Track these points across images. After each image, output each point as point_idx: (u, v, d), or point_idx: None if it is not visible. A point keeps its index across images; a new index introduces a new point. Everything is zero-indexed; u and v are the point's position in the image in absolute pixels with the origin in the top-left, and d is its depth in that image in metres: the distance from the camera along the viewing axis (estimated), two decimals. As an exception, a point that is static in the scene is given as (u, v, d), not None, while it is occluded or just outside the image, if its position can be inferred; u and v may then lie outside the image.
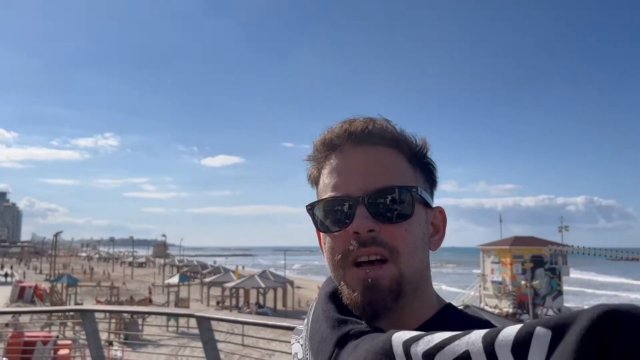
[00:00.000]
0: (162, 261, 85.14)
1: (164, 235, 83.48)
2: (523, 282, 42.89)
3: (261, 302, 41.93)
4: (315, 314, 0.95)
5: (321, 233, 0.94)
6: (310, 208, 0.92)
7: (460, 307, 1.00)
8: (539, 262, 45.36)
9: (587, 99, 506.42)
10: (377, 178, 0.87)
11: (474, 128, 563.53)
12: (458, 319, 0.92)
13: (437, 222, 0.99)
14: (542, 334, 0.54)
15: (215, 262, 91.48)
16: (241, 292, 43.76)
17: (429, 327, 0.80)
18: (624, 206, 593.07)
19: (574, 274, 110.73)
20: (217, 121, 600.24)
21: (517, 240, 46.83)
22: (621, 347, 0.47)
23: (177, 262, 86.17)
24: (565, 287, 54.44)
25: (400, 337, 0.68)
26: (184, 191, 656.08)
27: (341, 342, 0.82)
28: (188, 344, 21.29)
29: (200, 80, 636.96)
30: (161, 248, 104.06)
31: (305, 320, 1.01)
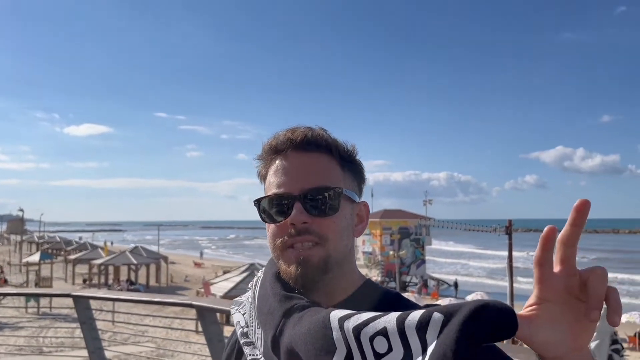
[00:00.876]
0: (18, 238, 77.71)
1: (21, 210, 76.02)
2: (391, 252, 46.00)
3: (133, 279, 40.26)
4: (262, 290, 1.13)
5: (266, 223, 1.14)
6: (258, 202, 1.13)
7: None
8: (405, 234, 48.82)
9: (446, 81, 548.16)
10: (311, 179, 1.09)
11: (351, 106, 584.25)
12: (374, 291, 1.14)
13: (362, 214, 1.19)
14: (437, 318, 0.73)
15: (80, 239, 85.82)
16: (111, 269, 41.61)
17: (354, 298, 1.09)
18: (479, 181, 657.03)
19: (435, 244, 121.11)
20: (82, 87, 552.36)
21: (387, 213, 49.91)
22: (484, 331, 0.69)
23: (36, 239, 79.29)
24: (427, 257, 59.36)
25: (336, 314, 0.88)
26: (44, 162, 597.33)
27: (287, 314, 0.99)
28: (51, 325, 19.99)
29: (61, 41, 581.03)
30: (17, 223, 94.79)
31: (248, 293, 1.20)
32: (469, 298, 32.18)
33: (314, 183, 1.08)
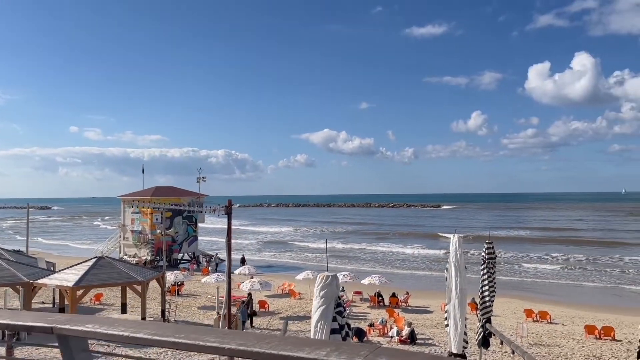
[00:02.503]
0: None
1: None
2: (158, 231, 44.76)
3: None
4: None
5: None
6: None
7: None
8: (178, 211, 47.90)
9: (223, 62, 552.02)
10: None
11: (120, 77, 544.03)
12: None
13: None
14: None
15: None
16: None
17: None
18: (255, 160, 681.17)
19: (209, 221, 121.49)
20: None
21: (158, 191, 48.28)
22: None
23: None
24: (201, 237, 59.43)
25: None
26: None
27: None
28: None
29: None
30: None
31: None
32: (300, 277, 32.82)
33: None
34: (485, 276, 15.98)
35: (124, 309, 24.56)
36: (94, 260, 21.66)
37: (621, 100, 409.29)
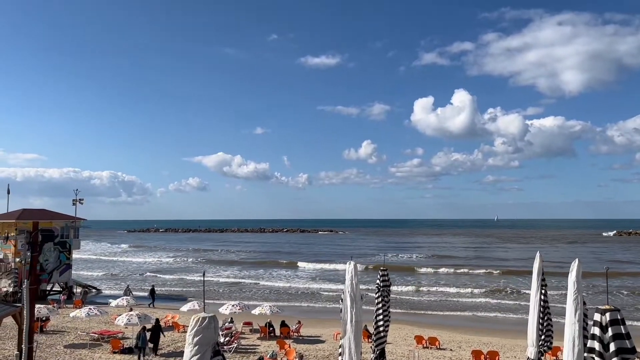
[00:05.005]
0: None
1: None
2: (18, 260, 39.76)
3: None
4: None
5: None
6: None
7: None
8: (49, 236, 43.18)
9: (112, 80, 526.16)
10: None
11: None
12: None
13: None
14: None
15: None
16: None
17: None
18: (144, 182, 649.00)
19: (89, 245, 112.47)
20: None
21: (26, 214, 43.10)
22: None
23: None
24: (77, 256, 54.13)
25: None
26: None
27: None
28: None
29: None
30: None
31: None
32: (184, 308, 29.97)
33: None
34: (380, 304, 15.36)
35: (-31, 353, 20.82)
36: None
37: (494, 135, 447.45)
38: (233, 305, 28.62)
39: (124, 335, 26.34)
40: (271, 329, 27.87)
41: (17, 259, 39.34)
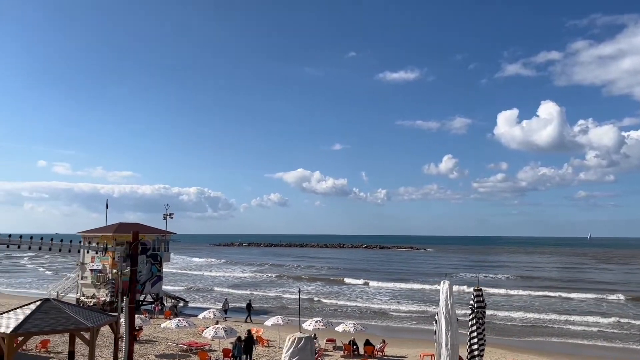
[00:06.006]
0: None
1: None
2: (114, 270, 41.98)
3: None
4: None
5: None
6: None
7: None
8: (142, 249, 45.31)
9: (187, 101, 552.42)
10: None
11: (91, 112, 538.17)
12: None
13: None
14: None
15: None
16: None
17: None
18: (228, 197, 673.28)
19: (177, 258, 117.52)
20: None
21: (122, 227, 45.65)
22: None
23: None
24: (166, 270, 56.53)
25: None
26: None
27: None
28: None
29: None
30: None
31: None
32: (268, 323, 30.32)
33: None
34: (474, 327, 14.44)
35: (71, 358, 22.01)
36: (38, 303, 19.29)
37: (586, 148, 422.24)
38: (316, 322, 28.35)
39: (211, 347, 26.87)
40: (355, 347, 27.30)
41: (114, 270, 41.66)
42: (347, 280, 73.88)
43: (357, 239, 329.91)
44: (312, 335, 28.15)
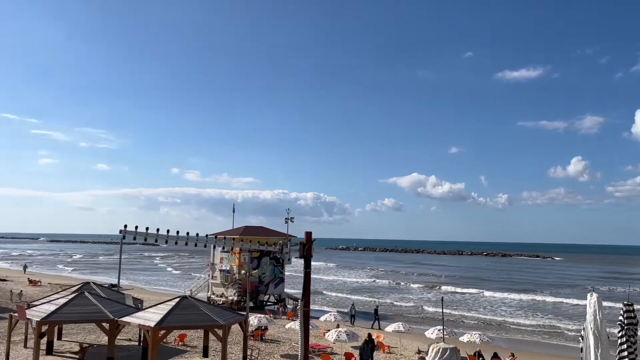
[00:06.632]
0: None
1: None
2: (242, 272, 44.18)
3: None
4: None
5: None
6: None
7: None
8: (266, 251, 47.29)
9: (318, 112, 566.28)
10: None
11: (221, 124, 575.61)
12: None
13: None
14: None
15: None
16: None
17: None
18: (343, 202, 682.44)
19: (295, 261, 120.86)
20: None
21: (247, 230, 48.07)
22: None
23: None
24: (288, 273, 58.39)
25: None
26: None
27: None
28: None
29: None
30: None
31: None
32: (389, 329, 30.84)
33: None
34: (625, 345, 13.08)
35: (205, 353, 23.55)
36: (177, 300, 20.88)
37: None
38: (439, 330, 27.53)
39: (333, 350, 27.19)
40: (481, 359, 26.06)
41: (242, 271, 43.94)
42: (466, 289, 71.07)
43: (475, 245, 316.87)
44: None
